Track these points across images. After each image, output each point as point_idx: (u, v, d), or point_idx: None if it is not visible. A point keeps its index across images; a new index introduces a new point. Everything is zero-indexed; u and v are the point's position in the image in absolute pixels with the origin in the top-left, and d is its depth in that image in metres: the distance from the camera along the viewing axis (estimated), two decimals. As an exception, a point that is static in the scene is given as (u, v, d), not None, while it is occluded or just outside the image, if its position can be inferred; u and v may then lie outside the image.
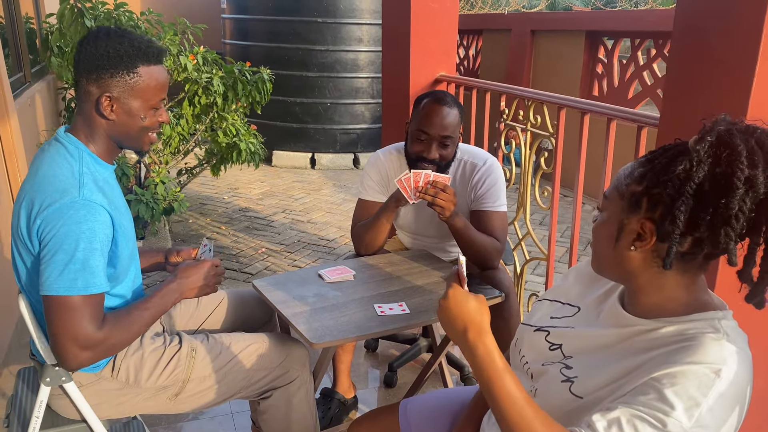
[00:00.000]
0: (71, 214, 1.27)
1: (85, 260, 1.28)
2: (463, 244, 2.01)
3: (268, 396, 1.65)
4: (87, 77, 1.37)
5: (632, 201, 0.97)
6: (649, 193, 0.94)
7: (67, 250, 1.27)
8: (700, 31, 1.55)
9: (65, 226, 1.27)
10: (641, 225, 0.96)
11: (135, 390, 1.50)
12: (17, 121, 3.03)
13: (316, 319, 1.62)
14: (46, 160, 1.37)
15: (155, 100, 1.42)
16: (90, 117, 1.40)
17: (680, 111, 1.63)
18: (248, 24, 6.63)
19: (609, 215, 1.02)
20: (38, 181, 1.33)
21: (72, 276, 1.27)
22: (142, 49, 1.37)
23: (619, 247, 0.99)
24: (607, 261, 1.04)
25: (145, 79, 1.38)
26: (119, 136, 1.43)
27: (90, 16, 3.60)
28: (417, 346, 2.63)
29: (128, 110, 1.39)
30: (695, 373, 0.87)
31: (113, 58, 1.35)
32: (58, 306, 1.28)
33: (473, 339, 0.98)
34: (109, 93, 1.36)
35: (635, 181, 0.97)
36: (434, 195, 1.88)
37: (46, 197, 1.29)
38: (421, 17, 3.01)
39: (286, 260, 3.93)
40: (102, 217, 1.32)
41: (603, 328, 1.07)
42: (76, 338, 1.28)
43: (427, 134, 1.99)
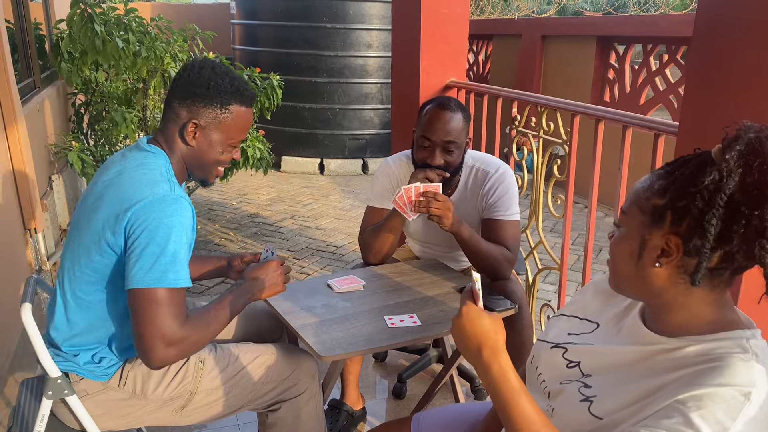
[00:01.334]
0: (163, 208, 1.30)
1: (176, 253, 1.30)
2: (469, 254, 1.96)
3: (277, 408, 1.62)
4: (181, 101, 1.43)
5: (655, 215, 0.92)
6: (674, 207, 0.90)
7: (159, 243, 1.28)
8: (723, 37, 1.50)
9: (157, 219, 1.29)
10: (666, 240, 0.91)
11: (141, 401, 1.47)
12: (25, 126, 3.02)
13: (325, 331, 1.58)
14: (131, 163, 1.40)
15: (236, 138, 1.49)
16: (171, 138, 1.46)
17: (701, 119, 1.59)
18: (258, 29, 6.63)
19: (629, 231, 0.97)
20: (125, 181, 1.36)
21: (163, 268, 1.28)
22: (240, 90, 1.45)
23: (642, 263, 0.94)
24: (628, 279, 0.98)
25: (234, 117, 1.46)
26: (193, 163, 1.48)
27: (100, 21, 3.59)
28: (427, 356, 2.59)
29: (209, 141, 1.46)
30: (723, 395, 0.82)
31: (212, 90, 1.41)
32: (146, 300, 1.28)
33: (488, 358, 0.94)
34: (197, 120, 1.42)
35: (657, 194, 0.93)
36: (427, 205, 1.85)
37: (136, 192, 1.32)
38: (432, 22, 2.98)
39: (295, 267, 3.90)
40: (189, 214, 1.36)
41: (623, 345, 1.02)
42: (163, 334, 1.28)
43: (429, 140, 1.96)
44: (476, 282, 1.01)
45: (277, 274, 1.57)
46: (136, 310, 1.29)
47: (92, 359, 1.43)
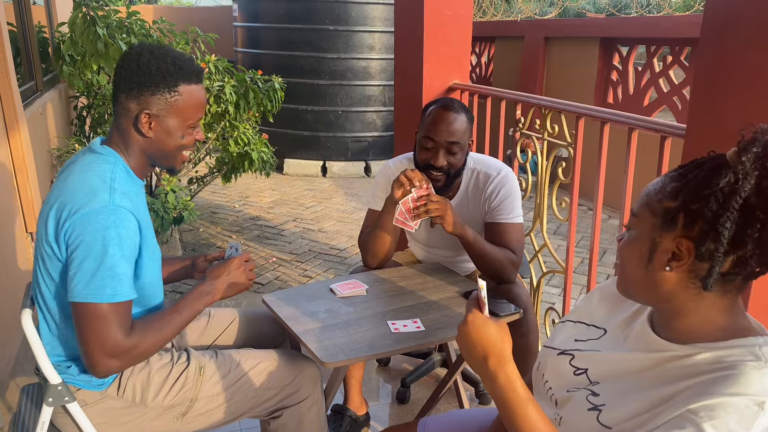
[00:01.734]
0: (101, 219, 1.26)
1: (113, 267, 1.26)
2: (474, 257, 1.95)
3: (279, 415, 1.60)
4: (127, 93, 1.36)
5: (666, 218, 0.90)
6: (687, 209, 0.88)
7: (95, 257, 1.25)
8: (731, 38, 1.48)
9: (94, 231, 1.25)
10: (677, 243, 0.89)
11: (141, 409, 1.45)
12: (27, 129, 3.01)
13: (328, 337, 1.56)
14: (78, 167, 1.36)
15: (193, 119, 1.42)
16: (127, 133, 1.40)
17: (709, 121, 1.57)
18: (260, 32, 6.62)
19: (639, 234, 0.95)
20: (68, 187, 1.31)
21: (100, 283, 1.25)
22: (184, 68, 1.38)
23: (652, 267, 0.92)
24: (637, 283, 0.96)
25: (185, 97, 1.39)
26: (155, 154, 1.43)
27: (102, 24, 3.59)
28: (431, 360, 2.57)
29: (166, 128, 1.39)
30: (736, 405, 0.80)
31: (155, 76, 1.35)
32: (86, 313, 1.26)
33: (494, 367, 0.93)
34: (148, 110, 1.36)
35: (669, 196, 0.90)
36: (425, 210, 1.83)
37: (75, 202, 1.28)
38: (435, 24, 2.96)
39: (297, 270, 3.89)
40: (131, 224, 1.30)
41: (632, 352, 1.00)
42: (104, 346, 1.26)
43: (433, 141, 1.94)
44: (482, 289, 0.99)
45: (239, 272, 1.52)
46: (77, 323, 1.27)
47: (86, 369, 1.40)
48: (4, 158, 2.78)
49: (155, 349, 1.37)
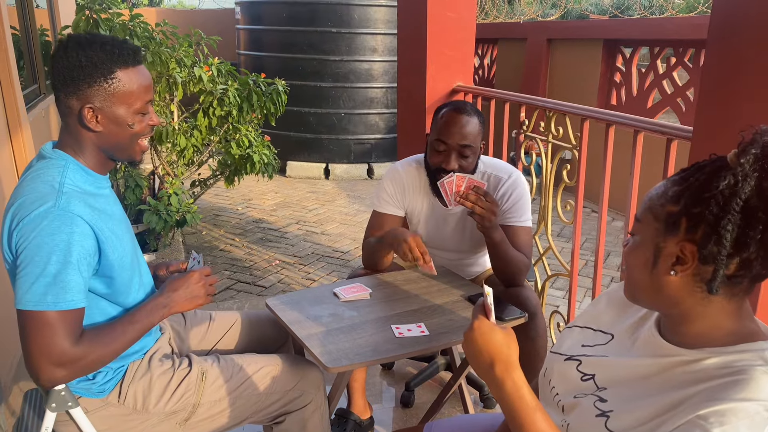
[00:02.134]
0: (45, 225, 1.21)
1: (57, 274, 1.20)
2: (497, 259, 1.93)
3: (282, 420, 1.59)
4: (65, 91, 1.29)
5: (669, 222, 0.89)
6: (688, 213, 0.87)
7: (38, 263, 1.20)
8: (738, 40, 1.47)
9: (38, 237, 1.20)
10: (681, 248, 0.88)
11: (143, 416, 1.44)
12: (30, 132, 3.01)
13: (332, 341, 1.55)
14: (29, 175, 1.31)
15: (140, 103, 1.33)
16: (76, 131, 1.33)
17: (716, 123, 1.56)
18: (263, 35, 6.62)
19: (643, 239, 0.94)
20: (19, 195, 1.26)
21: (41, 290, 1.20)
22: (116, 52, 1.29)
23: (657, 272, 0.91)
24: (644, 288, 0.95)
25: (125, 83, 1.30)
26: (109, 148, 1.36)
27: (105, 27, 3.59)
28: (435, 364, 2.56)
29: (114, 119, 1.32)
30: (746, 410, 0.79)
31: (87, 67, 1.27)
32: (28, 321, 1.20)
33: (500, 374, 0.92)
34: (90, 104, 1.29)
35: (671, 200, 0.90)
36: (475, 201, 1.82)
37: (21, 209, 1.23)
38: (438, 26, 2.95)
39: (300, 273, 3.88)
40: (80, 229, 1.23)
41: (639, 357, 0.99)
42: (49, 355, 1.20)
43: (445, 144, 1.93)
44: (488, 296, 0.98)
45: (198, 286, 1.45)
46: (20, 330, 1.22)
47: (86, 377, 1.38)
48: (8, 161, 2.78)
49: (106, 361, 1.31)
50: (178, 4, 17.25)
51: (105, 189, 1.40)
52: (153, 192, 4.13)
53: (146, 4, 15.15)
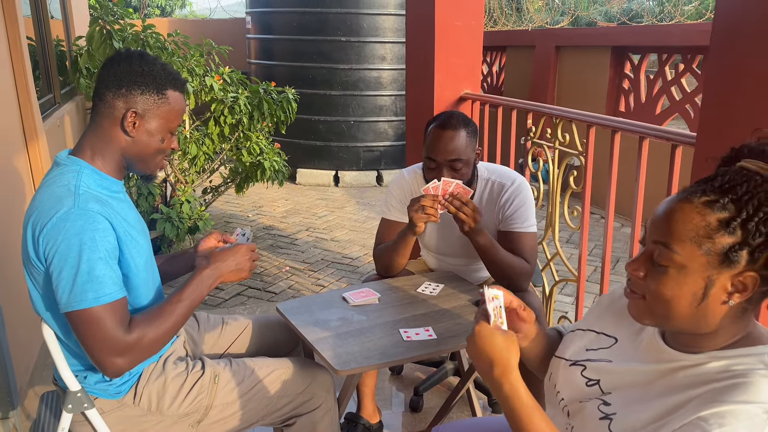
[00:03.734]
0: (68, 227, 1.26)
1: (90, 271, 1.26)
2: (487, 262, 1.96)
3: (292, 423, 1.61)
4: (116, 92, 1.37)
5: (727, 256, 0.86)
6: (750, 245, 0.85)
7: (71, 265, 1.25)
8: (740, 46, 1.49)
9: (65, 240, 1.25)
10: (741, 278, 0.86)
11: (157, 417, 1.47)
12: (46, 141, 3.07)
13: (341, 345, 1.58)
14: (46, 183, 1.37)
15: (174, 124, 1.45)
16: (108, 132, 1.40)
17: (719, 129, 1.57)
18: (273, 44, 6.69)
19: (685, 270, 0.88)
20: (37, 203, 1.32)
21: (81, 289, 1.25)
22: (173, 74, 1.43)
23: (706, 303, 0.89)
24: (684, 318, 0.91)
25: (171, 102, 1.42)
26: (133, 156, 1.43)
27: (119, 38, 3.66)
28: (443, 369, 2.58)
29: (149, 129, 1.41)
30: (746, 412, 0.81)
31: (147, 76, 1.38)
32: (79, 321, 1.27)
33: (498, 376, 0.96)
34: (135, 109, 1.38)
35: (721, 230, 0.86)
36: (458, 208, 1.86)
37: (44, 214, 1.28)
38: (445, 35, 2.99)
39: (310, 279, 3.91)
40: (101, 225, 1.29)
41: (643, 363, 1.01)
42: (106, 347, 1.27)
43: (434, 161, 1.96)
44: (495, 299, 1.02)
45: (245, 259, 1.51)
46: (75, 332, 1.29)
47: (102, 378, 1.42)
48: (24, 169, 2.83)
49: (163, 340, 1.36)
50: (190, 14, 17.43)
51: (120, 193, 1.45)
52: (165, 199, 4.19)
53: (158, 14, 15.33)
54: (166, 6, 16.55)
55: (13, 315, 2.31)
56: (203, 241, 1.69)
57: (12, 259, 2.46)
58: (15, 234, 2.58)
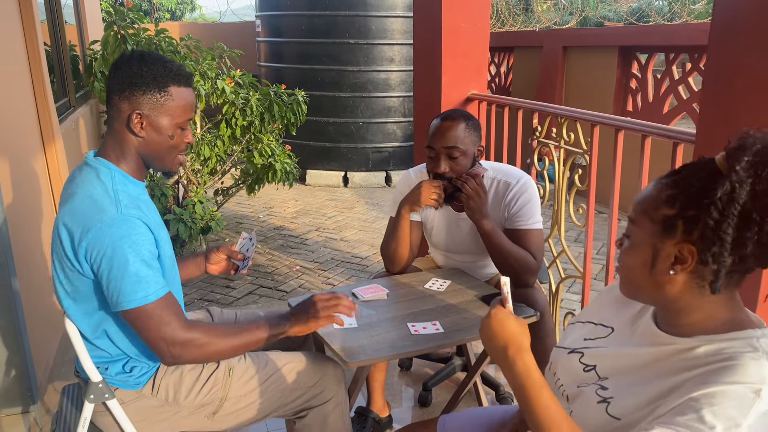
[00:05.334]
0: (113, 232, 1.33)
1: (138, 272, 1.34)
2: (492, 250, 2.00)
3: (304, 415, 1.65)
4: (120, 95, 1.43)
5: (666, 225, 0.95)
6: (685, 216, 0.93)
7: (119, 267, 1.32)
8: (738, 45, 1.53)
9: (111, 246, 1.32)
10: (679, 248, 0.94)
11: (174, 408, 1.53)
12: (62, 144, 3.14)
13: (351, 338, 1.63)
14: (79, 185, 1.42)
15: (182, 119, 1.47)
16: (120, 135, 1.46)
17: (718, 127, 1.61)
18: (282, 47, 6.76)
19: (639, 240, 0.99)
20: (75, 205, 1.38)
21: (131, 289, 1.33)
22: (174, 71, 1.45)
23: (656, 271, 0.97)
24: (643, 286, 1.01)
25: (175, 98, 1.45)
26: (148, 155, 1.48)
27: (132, 42, 3.73)
28: (451, 365, 2.62)
29: (157, 128, 1.45)
30: (734, 393, 0.86)
31: (146, 77, 1.42)
32: (134, 318, 1.36)
33: (513, 355, 1.01)
34: (139, 110, 1.42)
35: (666, 204, 0.95)
36: (466, 181, 1.96)
37: (86, 220, 1.34)
38: (452, 36, 3.03)
39: (320, 278, 3.97)
40: (142, 230, 1.37)
41: (637, 347, 1.06)
42: (162, 340, 1.36)
43: (433, 149, 2.04)
44: (505, 285, 1.07)
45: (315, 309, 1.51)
46: (134, 329, 1.38)
47: (123, 369, 1.49)
48: (42, 171, 2.91)
49: (219, 349, 1.43)
50: (200, 17, 17.55)
51: (144, 195, 1.52)
52: (178, 200, 4.26)
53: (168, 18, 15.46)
54: (176, 10, 16.69)
55: (33, 313, 2.38)
56: (212, 255, 1.79)
57: (32, 259, 2.53)
58: (35, 234, 2.65)
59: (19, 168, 2.55)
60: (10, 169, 2.41)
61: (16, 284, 2.19)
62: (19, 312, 2.20)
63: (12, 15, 2.76)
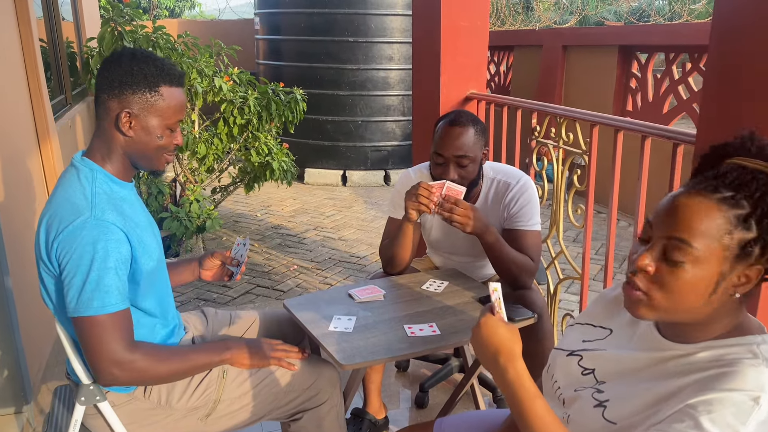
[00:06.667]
0: (84, 235, 1.30)
1: (99, 280, 1.30)
2: (493, 259, 1.98)
3: (299, 418, 1.64)
4: (109, 93, 1.39)
5: (744, 250, 0.88)
6: (765, 240, 0.88)
7: (82, 272, 1.29)
8: (739, 45, 1.51)
9: (79, 248, 1.30)
10: (748, 271, 0.89)
11: (166, 411, 1.51)
12: (58, 142, 3.12)
13: (346, 340, 1.61)
14: (62, 185, 1.40)
15: (172, 120, 1.44)
16: (108, 134, 1.42)
17: (718, 128, 1.59)
18: (281, 44, 6.74)
19: (702, 264, 0.89)
20: (54, 205, 1.36)
21: (88, 296, 1.30)
22: (166, 70, 1.41)
23: (717, 295, 0.91)
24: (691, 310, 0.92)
25: (166, 99, 1.41)
26: (135, 155, 1.45)
27: (130, 39, 3.71)
28: (449, 366, 2.60)
29: (146, 128, 1.41)
30: (733, 400, 0.84)
31: (137, 76, 1.38)
32: (83, 326, 1.32)
33: (504, 364, 0.98)
34: (129, 109, 1.39)
35: (738, 227, 0.88)
36: (450, 211, 1.88)
37: (61, 221, 1.32)
38: (451, 35, 3.01)
39: (318, 277, 3.95)
40: (115, 236, 1.33)
41: (636, 351, 1.04)
42: (104, 355, 1.31)
43: (442, 156, 1.99)
44: (495, 291, 1.05)
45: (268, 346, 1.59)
46: (78, 336, 1.34)
47: None
48: (37, 169, 2.89)
49: (159, 374, 1.40)
50: (199, 15, 17.52)
51: (131, 196, 1.49)
52: (175, 199, 4.24)
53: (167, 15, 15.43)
54: (175, 8, 16.66)
55: (27, 312, 2.36)
56: (206, 261, 1.77)
57: (26, 258, 2.51)
58: (29, 233, 2.63)
59: (13, 165, 2.53)
60: (4, 167, 2.38)
61: (9, 283, 2.17)
62: (12, 311, 2.17)
63: (7, 11, 2.73)
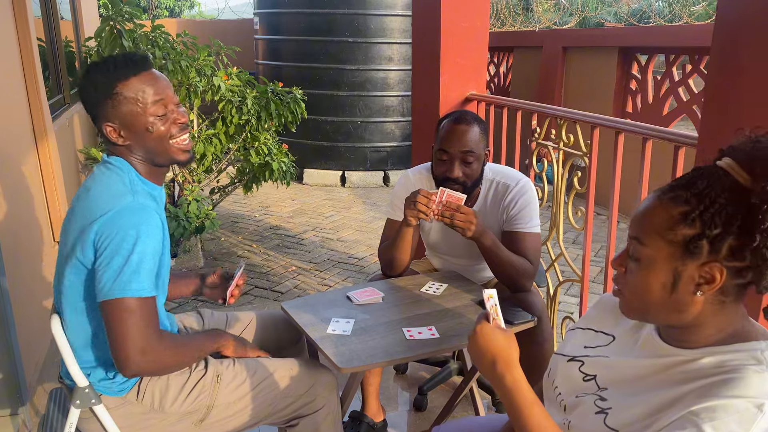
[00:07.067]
0: (128, 217, 1.29)
1: (140, 263, 1.29)
2: (491, 262, 1.97)
3: (295, 424, 1.62)
4: (91, 116, 1.41)
5: (689, 247, 0.88)
6: (709, 236, 0.87)
7: (123, 254, 1.28)
8: (741, 47, 1.50)
9: (122, 231, 1.28)
10: (705, 270, 0.88)
11: (160, 415, 1.49)
12: (55, 141, 3.10)
13: (344, 343, 1.60)
14: (96, 179, 1.40)
15: (152, 108, 1.38)
16: (115, 149, 1.43)
17: (720, 130, 1.58)
18: (281, 44, 6.73)
19: (654, 263, 0.92)
20: (91, 197, 1.35)
21: (127, 278, 1.27)
22: (112, 69, 1.36)
23: (679, 294, 0.91)
24: (660, 309, 0.94)
25: (129, 94, 1.36)
26: (145, 155, 1.44)
27: (128, 38, 3.69)
28: (448, 368, 2.59)
29: (132, 129, 1.39)
30: (736, 407, 0.83)
31: (93, 91, 1.37)
32: (115, 309, 1.28)
33: (501, 371, 0.98)
34: (108, 122, 1.38)
35: (683, 223, 0.88)
36: (451, 217, 1.86)
37: (101, 206, 1.31)
38: (451, 36, 3.00)
39: (316, 279, 3.93)
40: (155, 222, 1.34)
41: (639, 357, 1.02)
42: (133, 341, 1.28)
43: (447, 153, 1.98)
44: (491, 298, 1.04)
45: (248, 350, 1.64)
46: (108, 322, 1.29)
47: (106, 375, 1.45)
48: (33, 169, 2.87)
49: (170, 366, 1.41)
50: (198, 15, 17.51)
51: (160, 199, 1.49)
52: (173, 199, 4.22)
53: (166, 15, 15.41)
54: (175, 7, 16.64)
55: (22, 312, 2.34)
56: (208, 279, 1.78)
57: (23, 258, 2.49)
58: (24, 232, 2.61)
59: (10, 165, 2.51)
60: (0, 166, 2.37)
61: (5, 283, 2.15)
62: (8, 311, 2.16)
63: (5, 10, 2.72)
